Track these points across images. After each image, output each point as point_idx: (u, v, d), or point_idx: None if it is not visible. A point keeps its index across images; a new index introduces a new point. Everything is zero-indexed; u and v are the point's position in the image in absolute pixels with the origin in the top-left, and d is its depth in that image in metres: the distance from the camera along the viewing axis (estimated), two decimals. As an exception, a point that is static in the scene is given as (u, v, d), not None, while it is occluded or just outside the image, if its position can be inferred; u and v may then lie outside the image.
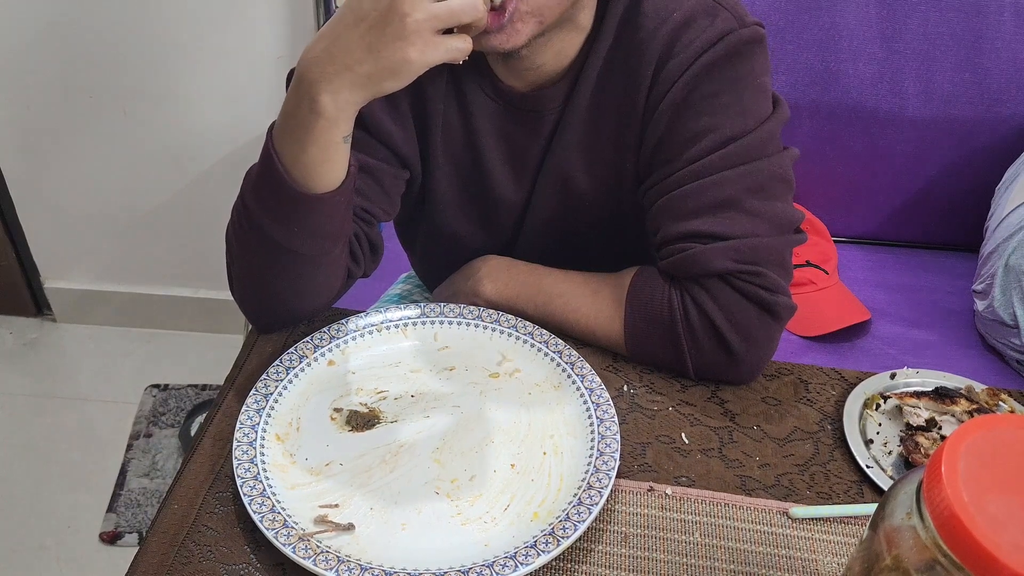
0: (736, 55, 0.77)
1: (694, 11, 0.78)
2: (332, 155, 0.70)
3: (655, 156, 0.82)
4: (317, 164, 0.70)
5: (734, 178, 0.77)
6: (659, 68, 0.79)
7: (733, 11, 0.78)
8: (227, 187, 1.88)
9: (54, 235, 1.95)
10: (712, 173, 0.78)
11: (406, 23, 0.61)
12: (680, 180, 0.79)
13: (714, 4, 0.78)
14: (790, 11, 1.37)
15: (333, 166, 0.71)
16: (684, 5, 0.78)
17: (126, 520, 1.63)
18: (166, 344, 2.04)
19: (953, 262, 1.49)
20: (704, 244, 0.78)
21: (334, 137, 0.68)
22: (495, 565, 0.61)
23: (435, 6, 0.61)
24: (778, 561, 0.65)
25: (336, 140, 0.69)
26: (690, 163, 0.78)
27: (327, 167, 0.71)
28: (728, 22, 0.77)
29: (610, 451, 0.70)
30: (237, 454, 0.69)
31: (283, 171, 0.70)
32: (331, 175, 0.72)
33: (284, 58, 1.67)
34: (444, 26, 0.63)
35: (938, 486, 0.41)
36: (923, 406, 0.77)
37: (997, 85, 1.37)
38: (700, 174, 0.78)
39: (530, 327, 0.83)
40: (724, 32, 0.77)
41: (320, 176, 0.71)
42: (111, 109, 1.74)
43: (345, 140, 0.69)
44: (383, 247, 0.88)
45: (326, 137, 0.68)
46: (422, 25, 0.61)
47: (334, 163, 0.71)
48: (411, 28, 0.61)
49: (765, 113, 0.79)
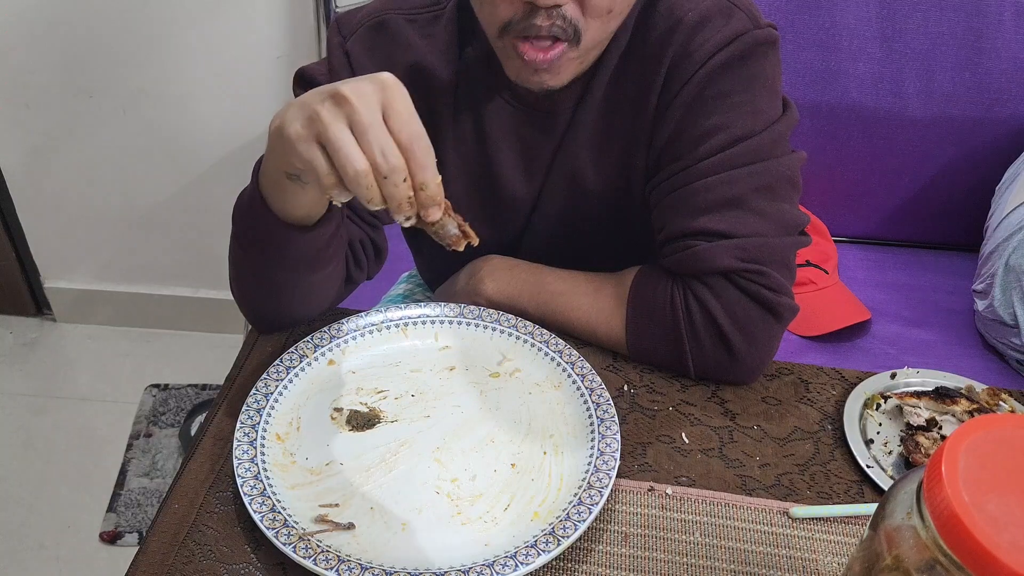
0: (749, 56, 0.77)
1: (709, 11, 0.78)
2: (295, 196, 0.68)
3: (664, 153, 0.82)
4: (284, 198, 0.69)
5: (742, 177, 0.77)
6: (673, 66, 0.79)
7: (748, 12, 0.78)
8: (227, 187, 1.89)
9: (54, 235, 1.95)
10: (720, 171, 0.78)
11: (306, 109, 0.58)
12: (688, 178, 0.79)
13: (729, 5, 0.78)
14: (790, 11, 1.38)
15: (300, 204, 0.69)
16: (700, 5, 0.78)
17: (126, 520, 1.63)
18: (166, 344, 2.04)
19: (953, 262, 1.49)
20: (709, 242, 0.78)
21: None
22: (495, 565, 0.61)
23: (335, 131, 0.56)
24: (778, 561, 0.65)
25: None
26: (699, 161, 0.78)
27: (294, 204, 0.69)
28: (743, 23, 0.77)
29: (610, 451, 0.70)
30: (237, 454, 0.69)
31: (259, 197, 0.70)
32: (300, 211, 0.70)
33: (284, 58, 1.67)
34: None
35: (938, 486, 0.41)
36: (923, 406, 0.77)
37: (997, 85, 1.37)
38: (708, 172, 0.78)
39: (530, 327, 0.83)
40: (739, 32, 0.77)
41: (289, 210, 0.70)
42: (111, 109, 1.74)
43: (291, 179, 0.65)
44: (387, 250, 0.88)
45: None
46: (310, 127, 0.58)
47: (300, 203, 0.69)
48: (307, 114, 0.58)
49: (775, 114, 0.80)
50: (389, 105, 0.57)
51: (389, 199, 0.57)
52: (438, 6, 0.82)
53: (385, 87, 0.57)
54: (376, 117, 0.56)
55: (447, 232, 0.61)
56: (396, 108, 0.57)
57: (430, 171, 0.57)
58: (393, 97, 0.57)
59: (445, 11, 0.82)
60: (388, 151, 0.56)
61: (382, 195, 0.57)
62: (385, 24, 0.80)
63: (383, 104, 0.56)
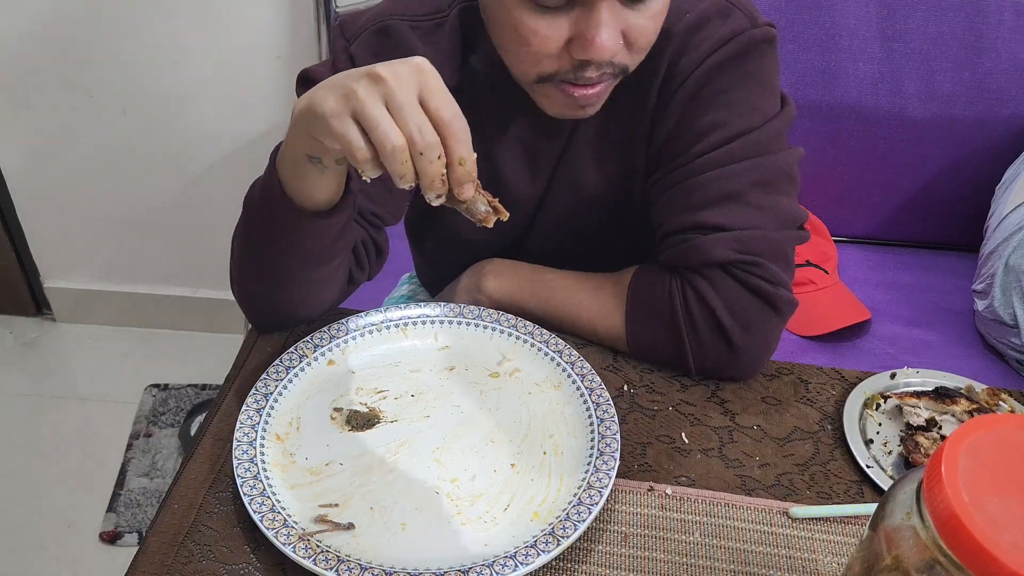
0: (747, 54, 0.78)
1: (708, 11, 0.79)
2: (315, 180, 0.69)
3: (664, 150, 0.83)
4: (303, 182, 0.69)
5: (740, 172, 0.78)
6: (672, 65, 0.80)
7: (746, 11, 0.79)
8: (227, 187, 1.90)
9: (54, 235, 1.95)
10: (719, 167, 0.78)
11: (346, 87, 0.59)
12: (686, 173, 0.80)
13: (727, 4, 0.79)
14: (790, 11, 1.38)
15: (319, 188, 0.70)
16: (698, 6, 0.79)
17: (126, 520, 1.63)
18: (166, 344, 2.05)
19: (953, 262, 1.49)
20: (707, 235, 0.78)
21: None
22: (495, 565, 0.61)
23: (370, 107, 0.58)
24: (778, 561, 0.65)
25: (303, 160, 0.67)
26: (697, 157, 0.79)
27: (313, 188, 0.70)
28: (741, 22, 0.78)
29: (610, 451, 0.70)
30: (237, 454, 0.69)
31: (277, 183, 0.70)
32: (318, 196, 0.70)
33: (284, 58, 1.67)
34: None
35: (938, 486, 0.41)
36: (923, 406, 0.77)
37: (997, 85, 1.37)
38: (707, 167, 0.79)
39: (530, 327, 0.83)
40: (737, 31, 0.78)
41: (307, 194, 0.70)
42: (111, 109, 1.74)
43: (312, 161, 0.66)
44: (388, 251, 0.88)
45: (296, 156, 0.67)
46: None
47: (319, 187, 0.69)
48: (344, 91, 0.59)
49: (773, 111, 0.81)
50: (425, 84, 0.58)
51: (422, 175, 0.58)
52: (441, 14, 0.82)
53: (420, 69, 0.58)
54: (412, 97, 0.57)
55: (477, 209, 0.62)
56: (432, 87, 0.58)
57: (468, 146, 0.59)
58: (428, 77, 0.58)
59: (448, 19, 0.82)
60: (425, 128, 0.57)
61: (415, 172, 0.58)
62: (389, 29, 0.81)
63: (418, 85, 0.58)
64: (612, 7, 0.68)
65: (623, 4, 0.69)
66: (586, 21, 0.68)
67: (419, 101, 0.58)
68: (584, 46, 0.69)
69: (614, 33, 0.69)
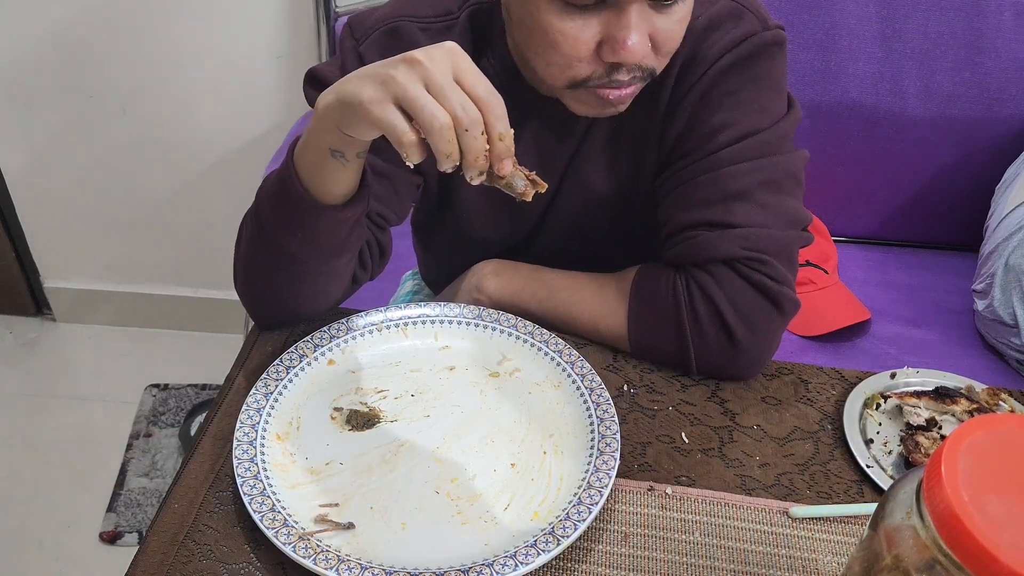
0: (757, 56, 0.79)
1: (720, 14, 0.80)
2: (335, 173, 0.70)
3: (674, 150, 0.83)
4: (323, 176, 0.70)
5: (747, 171, 0.79)
6: (684, 67, 0.81)
7: (757, 13, 0.80)
8: (227, 187, 1.90)
9: (54, 235, 1.95)
10: (726, 166, 0.79)
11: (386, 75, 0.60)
12: (694, 172, 0.80)
13: (739, 7, 0.80)
14: (790, 11, 1.38)
15: (338, 182, 0.71)
16: (710, 9, 0.80)
17: (126, 520, 1.63)
18: (166, 344, 2.04)
19: (953, 262, 1.49)
20: (712, 231, 0.79)
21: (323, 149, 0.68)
22: (495, 565, 0.61)
23: (412, 89, 0.59)
24: (778, 561, 0.65)
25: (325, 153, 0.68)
26: (705, 156, 0.80)
27: (332, 182, 0.71)
28: (752, 24, 0.80)
29: (610, 451, 0.70)
30: (237, 453, 0.69)
31: (295, 176, 0.71)
32: (336, 189, 0.71)
33: (284, 58, 1.67)
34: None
35: (938, 486, 0.41)
36: (923, 406, 0.77)
37: (997, 85, 1.37)
38: (714, 166, 0.79)
39: (530, 327, 0.83)
40: (748, 34, 0.79)
41: (326, 188, 0.71)
42: (111, 109, 1.74)
43: (335, 155, 0.68)
44: (391, 251, 0.89)
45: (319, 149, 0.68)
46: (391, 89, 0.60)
47: (338, 181, 0.71)
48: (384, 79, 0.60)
49: (781, 113, 0.82)
50: (458, 66, 0.59)
51: (467, 152, 0.60)
52: (451, 16, 0.82)
53: (452, 52, 0.60)
54: (449, 78, 0.59)
55: (516, 184, 0.63)
56: (465, 68, 0.60)
57: (505, 122, 0.60)
58: (461, 59, 0.60)
59: (458, 22, 0.82)
60: (467, 105, 0.58)
61: (460, 150, 0.60)
62: (399, 31, 0.81)
63: (452, 66, 0.59)
64: (642, 9, 0.69)
65: (652, 7, 0.69)
66: (616, 23, 0.69)
67: (455, 82, 0.59)
68: (615, 49, 0.70)
69: (643, 36, 0.70)
